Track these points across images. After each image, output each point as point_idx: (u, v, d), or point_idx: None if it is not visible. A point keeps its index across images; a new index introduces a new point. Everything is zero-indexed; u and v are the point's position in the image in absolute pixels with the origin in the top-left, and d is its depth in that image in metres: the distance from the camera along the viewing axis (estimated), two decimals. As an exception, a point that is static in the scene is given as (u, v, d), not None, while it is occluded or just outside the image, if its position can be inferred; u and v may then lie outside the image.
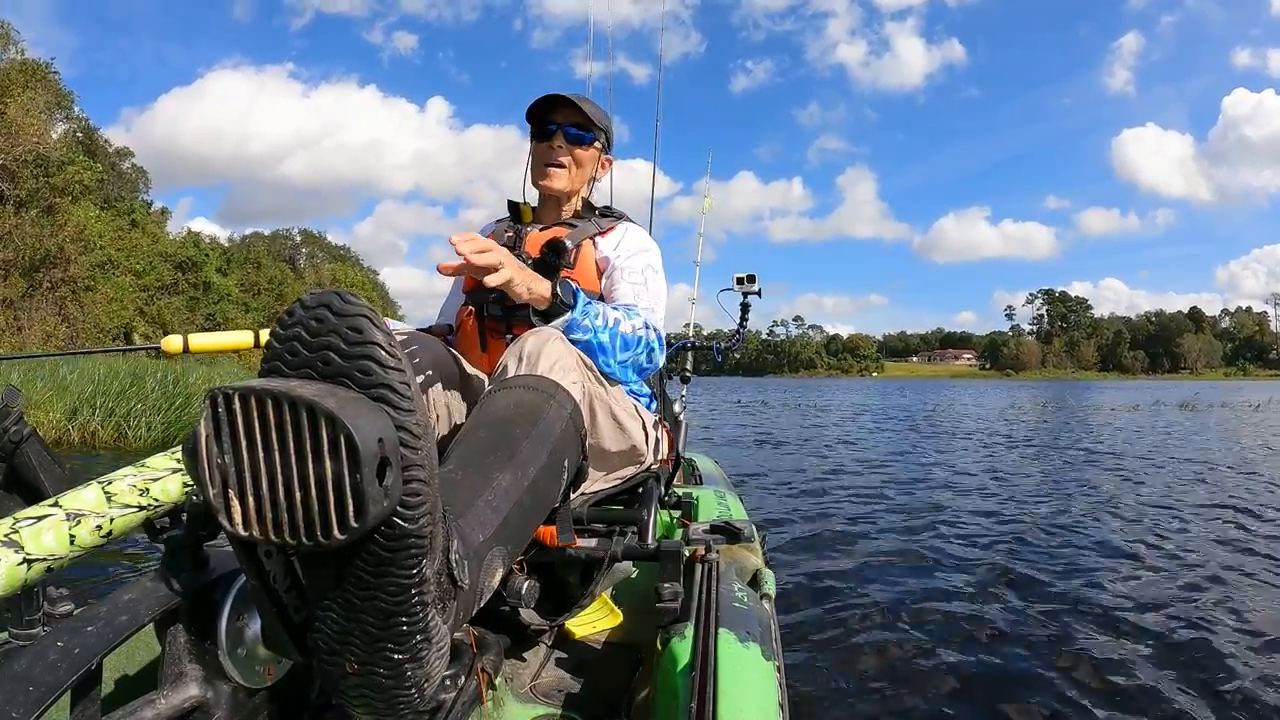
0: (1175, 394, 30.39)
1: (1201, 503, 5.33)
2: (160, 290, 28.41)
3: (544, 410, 0.96)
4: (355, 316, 0.54)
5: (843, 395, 31.63)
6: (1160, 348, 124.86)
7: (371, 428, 0.51)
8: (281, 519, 0.51)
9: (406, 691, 0.63)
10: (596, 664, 1.32)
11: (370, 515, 0.51)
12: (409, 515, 0.55)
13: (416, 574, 0.58)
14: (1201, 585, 3.23)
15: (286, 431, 0.50)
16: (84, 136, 26.67)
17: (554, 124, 1.52)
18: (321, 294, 0.55)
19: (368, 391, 0.54)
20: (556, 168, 1.53)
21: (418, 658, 0.61)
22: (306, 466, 0.50)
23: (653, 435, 1.39)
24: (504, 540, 0.78)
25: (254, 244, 43.34)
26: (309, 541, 0.52)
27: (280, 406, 0.50)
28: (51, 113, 21.88)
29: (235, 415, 0.51)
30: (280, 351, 0.55)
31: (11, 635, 0.81)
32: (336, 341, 0.54)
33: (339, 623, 0.60)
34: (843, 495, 5.59)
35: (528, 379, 1.00)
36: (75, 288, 21.94)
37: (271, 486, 0.51)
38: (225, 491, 0.52)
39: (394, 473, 0.53)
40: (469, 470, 0.80)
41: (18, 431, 0.89)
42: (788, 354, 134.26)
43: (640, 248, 1.53)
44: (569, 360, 1.06)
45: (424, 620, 0.60)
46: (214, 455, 0.52)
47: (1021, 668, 2.34)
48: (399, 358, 0.55)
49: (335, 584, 0.58)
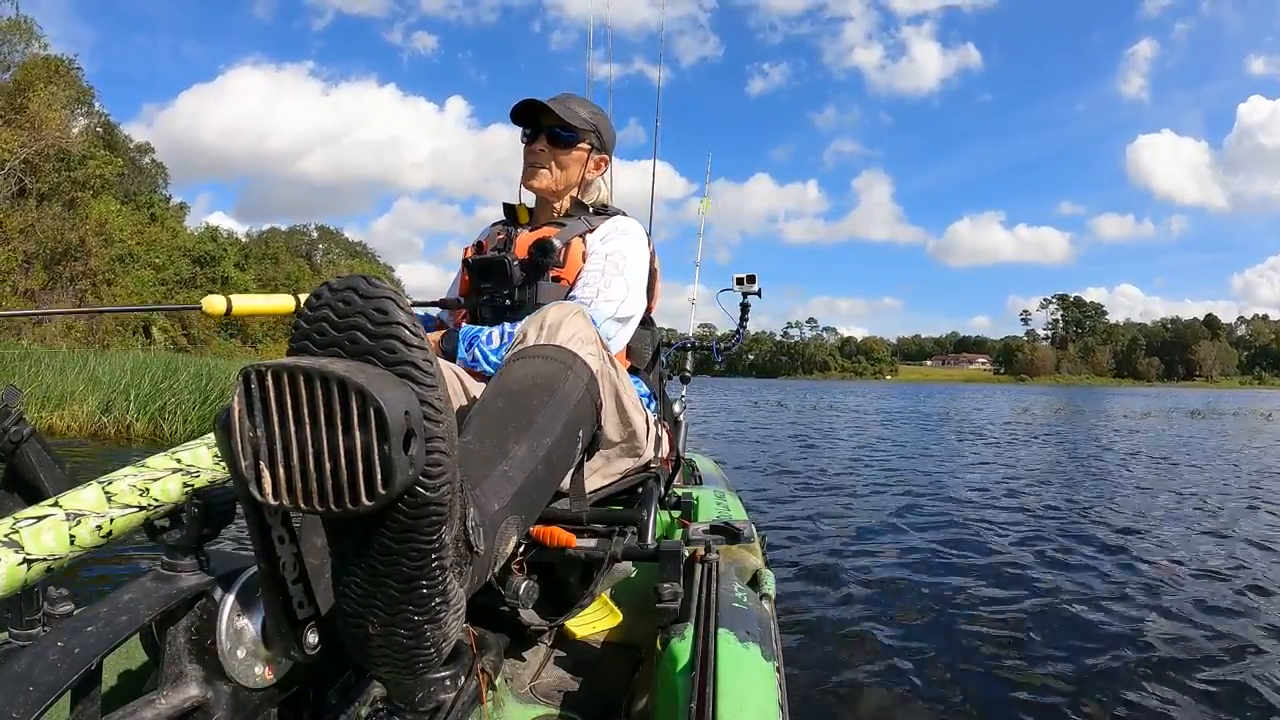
0: (1190, 401, 30.03)
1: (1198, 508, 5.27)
2: (179, 284, 28.73)
3: (561, 381, 0.98)
4: (380, 298, 0.56)
5: (854, 399, 31.48)
6: (1175, 355, 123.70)
7: (398, 401, 0.54)
8: (311, 488, 0.54)
9: (425, 651, 0.66)
10: (596, 664, 1.32)
11: (397, 483, 0.53)
12: (431, 484, 0.58)
13: (436, 540, 0.61)
14: (1205, 588, 3.20)
15: (318, 405, 0.53)
16: (104, 132, 26.96)
17: (535, 126, 1.55)
18: (348, 278, 0.58)
19: (393, 368, 0.56)
20: (539, 169, 1.55)
21: (436, 619, 0.65)
22: (336, 438, 0.53)
23: (653, 431, 1.39)
24: (518, 509, 0.81)
25: (271, 239, 43.71)
26: (338, 509, 0.54)
27: (312, 382, 0.53)
28: (72, 108, 22.14)
29: (268, 391, 0.54)
30: (309, 331, 0.58)
31: (11, 635, 0.82)
32: (363, 321, 0.56)
33: (363, 587, 0.63)
34: (843, 495, 5.58)
35: (546, 349, 1.02)
36: (95, 280, 22.23)
37: (302, 457, 0.54)
38: (257, 463, 0.55)
39: (418, 443, 0.55)
40: (486, 441, 0.84)
41: (18, 431, 0.90)
42: (802, 356, 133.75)
43: (618, 232, 1.53)
44: (589, 334, 1.08)
45: (443, 584, 0.64)
46: (246, 429, 0.55)
47: (1022, 668, 2.34)
48: (422, 336, 0.57)
49: (360, 551, 0.62)
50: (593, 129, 1.58)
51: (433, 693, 0.92)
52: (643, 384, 1.54)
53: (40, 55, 20.99)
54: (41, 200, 20.36)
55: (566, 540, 1.13)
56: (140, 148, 32.88)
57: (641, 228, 1.60)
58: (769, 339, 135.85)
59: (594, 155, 1.60)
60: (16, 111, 19.49)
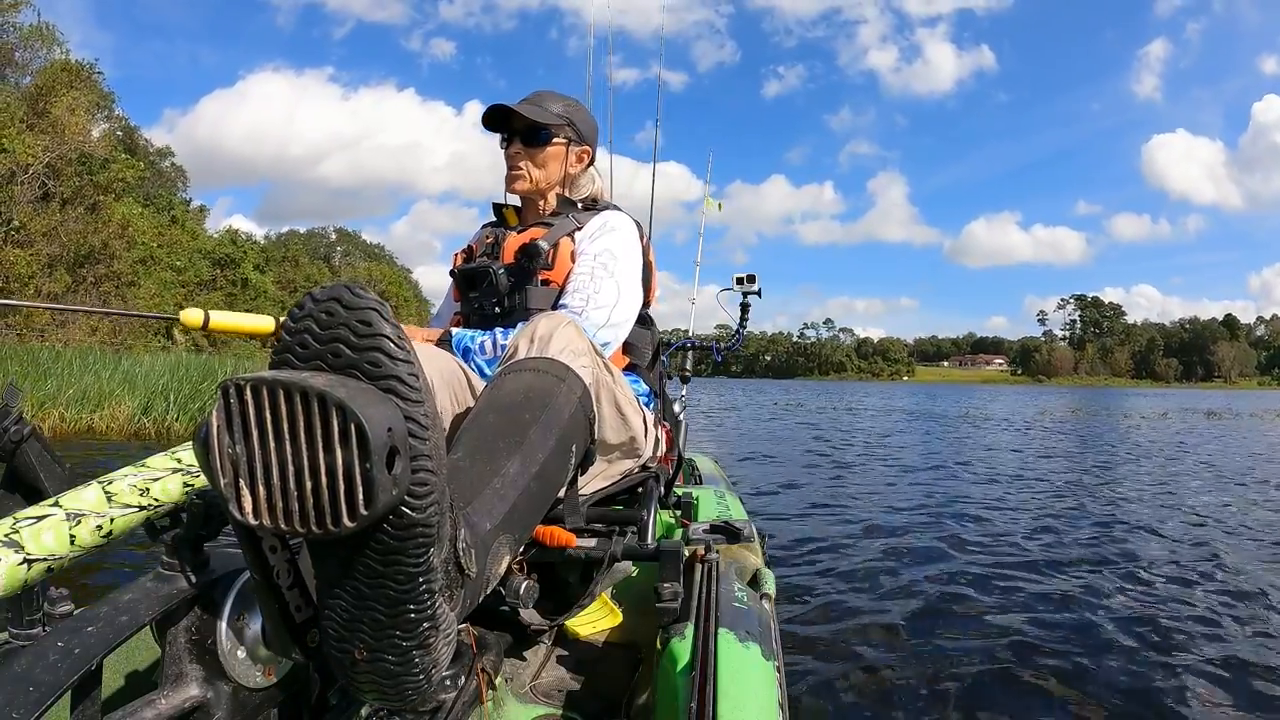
0: (1210, 403, 29.61)
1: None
2: (199, 286, 29.03)
3: (554, 394, 0.96)
4: (364, 310, 0.55)
5: (872, 400, 31.29)
6: (1194, 355, 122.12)
7: (381, 417, 0.52)
8: (292, 507, 0.52)
9: (415, 678, 0.64)
10: (596, 664, 1.32)
11: (379, 503, 0.52)
12: (416, 505, 0.56)
13: (424, 563, 0.59)
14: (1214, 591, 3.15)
15: (298, 421, 0.51)
16: (124, 135, 27.30)
17: (509, 130, 1.55)
18: (331, 288, 0.56)
19: (376, 383, 0.54)
20: (519, 172, 1.54)
21: (425, 645, 0.63)
22: (317, 455, 0.51)
23: (652, 432, 1.38)
24: (511, 527, 0.79)
25: (290, 242, 44.08)
26: (318, 530, 0.52)
27: (292, 397, 0.51)
28: (93, 113, 22.44)
29: (247, 406, 0.52)
30: (291, 344, 0.56)
31: (11, 635, 0.82)
32: (346, 334, 0.55)
33: (348, 611, 0.61)
34: (844, 495, 5.56)
35: (538, 361, 1.00)
36: (119, 283, 22.50)
37: (282, 475, 0.52)
38: (236, 481, 0.53)
39: (402, 461, 0.54)
40: (477, 458, 0.81)
41: (18, 431, 0.90)
42: (818, 357, 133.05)
43: (606, 230, 1.51)
44: (580, 344, 1.06)
45: (432, 608, 0.62)
46: (225, 445, 0.53)
47: (1023, 667, 2.33)
48: (407, 349, 0.56)
49: (344, 573, 0.60)
50: (566, 122, 1.55)
51: (433, 693, 0.93)
52: (642, 383, 1.53)
53: (60, 60, 21.35)
54: (64, 204, 20.63)
55: (566, 540, 1.12)
56: (160, 151, 33.36)
57: (630, 221, 1.57)
58: (785, 339, 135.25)
59: (573, 148, 1.57)
60: (39, 116, 19.79)
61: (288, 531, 0.53)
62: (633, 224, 1.57)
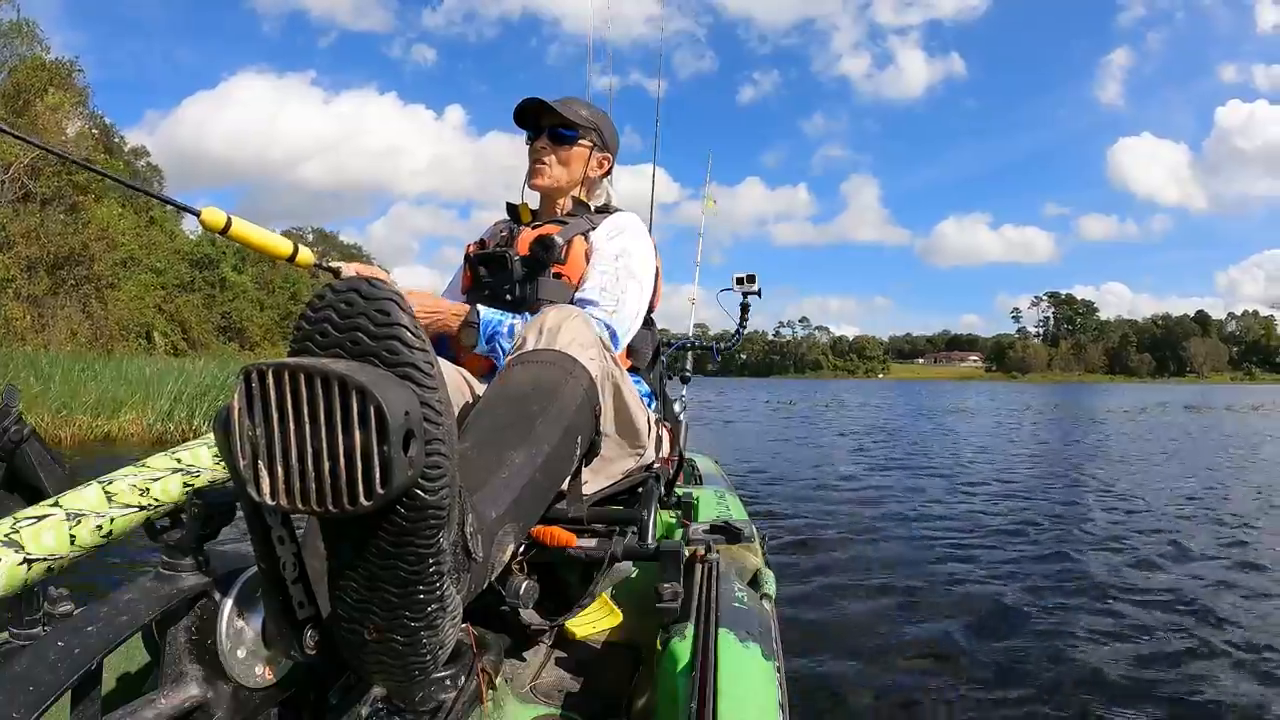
0: (1184, 397, 30.09)
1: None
2: (178, 288, 28.73)
3: (561, 386, 0.98)
4: (383, 300, 0.57)
5: (847, 396, 31.48)
6: (1167, 351, 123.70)
7: (398, 401, 0.54)
8: (310, 488, 0.54)
9: (422, 658, 0.66)
10: (596, 664, 1.32)
11: (396, 484, 0.53)
12: (430, 487, 0.58)
13: (435, 544, 0.61)
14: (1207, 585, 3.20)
15: (318, 404, 0.53)
16: (100, 134, 26.93)
17: (538, 127, 1.58)
18: (350, 279, 0.58)
19: (394, 369, 0.56)
20: (543, 167, 1.57)
21: (433, 625, 0.65)
22: (336, 437, 0.53)
23: (654, 430, 1.40)
24: (516, 517, 0.81)
25: (270, 242, 43.67)
26: (335, 509, 0.54)
27: (313, 380, 0.53)
28: (73, 111, 22.14)
29: (268, 390, 0.54)
30: (310, 332, 0.58)
31: (11, 635, 0.82)
32: (365, 323, 0.56)
33: (360, 592, 0.63)
34: (845, 495, 5.59)
35: (546, 353, 1.02)
36: (99, 285, 22.20)
37: (301, 457, 0.53)
38: (255, 463, 0.55)
39: (418, 444, 0.55)
40: (485, 448, 0.84)
41: (18, 431, 0.89)
42: (794, 355, 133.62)
43: (621, 230, 1.54)
44: (588, 336, 1.08)
45: (440, 589, 0.64)
46: (246, 428, 0.54)
47: (1024, 667, 2.34)
48: (423, 338, 0.57)
49: (357, 555, 0.62)
50: (594, 127, 1.60)
51: (433, 692, 0.92)
52: (643, 383, 1.55)
53: (36, 57, 20.99)
54: (45, 204, 20.33)
55: (567, 540, 1.13)
56: (135, 151, 32.99)
57: (642, 222, 1.61)
58: (761, 338, 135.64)
59: (596, 153, 1.62)
60: (18, 115, 19.47)
61: (305, 511, 0.55)
62: (644, 226, 1.61)
